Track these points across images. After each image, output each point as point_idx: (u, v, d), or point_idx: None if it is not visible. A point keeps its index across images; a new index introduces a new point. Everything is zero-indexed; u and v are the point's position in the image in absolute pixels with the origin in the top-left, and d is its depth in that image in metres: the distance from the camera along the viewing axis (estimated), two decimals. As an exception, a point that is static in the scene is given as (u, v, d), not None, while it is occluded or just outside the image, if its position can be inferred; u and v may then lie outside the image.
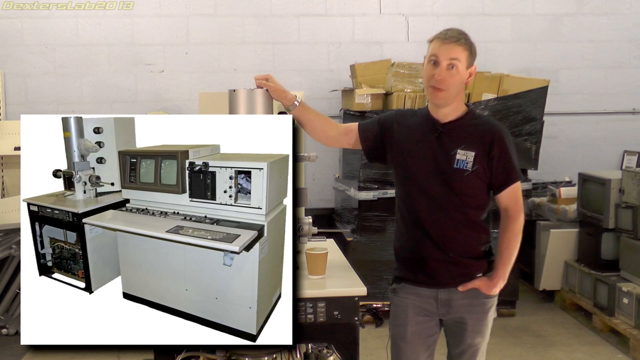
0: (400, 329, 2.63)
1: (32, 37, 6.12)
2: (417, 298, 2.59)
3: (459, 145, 2.49)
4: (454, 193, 2.50)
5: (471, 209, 2.53)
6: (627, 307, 4.70)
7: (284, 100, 2.63)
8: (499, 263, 2.56)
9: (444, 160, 2.50)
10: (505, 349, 4.55)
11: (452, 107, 2.53)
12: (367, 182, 5.21)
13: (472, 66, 2.51)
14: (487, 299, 2.59)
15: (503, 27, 6.38)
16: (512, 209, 2.55)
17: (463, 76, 2.48)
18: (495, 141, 2.49)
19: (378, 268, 5.13)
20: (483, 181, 2.51)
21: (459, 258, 2.54)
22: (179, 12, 6.23)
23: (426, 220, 2.53)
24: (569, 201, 5.54)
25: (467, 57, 2.47)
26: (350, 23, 6.37)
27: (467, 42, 2.48)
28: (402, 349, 2.63)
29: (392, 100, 5.33)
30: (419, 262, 2.57)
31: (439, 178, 2.50)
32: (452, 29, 2.49)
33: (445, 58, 2.44)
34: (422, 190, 2.53)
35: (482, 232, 2.58)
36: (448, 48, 2.44)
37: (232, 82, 6.13)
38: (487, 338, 2.66)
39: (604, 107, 6.63)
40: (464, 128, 2.52)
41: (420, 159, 2.53)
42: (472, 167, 2.48)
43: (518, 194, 2.56)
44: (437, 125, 2.53)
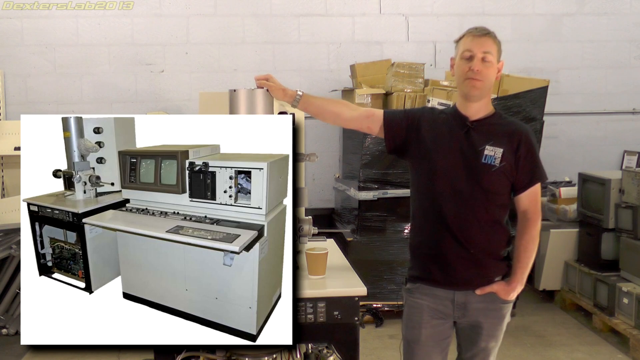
0: (414, 331, 2.61)
1: (32, 37, 6.12)
2: (432, 300, 2.57)
3: (487, 142, 2.50)
4: (481, 189, 2.50)
5: (495, 207, 2.53)
6: (627, 307, 4.70)
7: (286, 98, 2.62)
8: (517, 267, 2.55)
9: (472, 155, 2.50)
10: (505, 349, 4.55)
11: (482, 103, 2.54)
12: (367, 182, 5.21)
13: (499, 61, 2.55)
14: (504, 304, 2.58)
15: (503, 27, 6.38)
16: (532, 211, 2.55)
17: (495, 69, 2.53)
18: (522, 141, 2.51)
19: (378, 268, 5.13)
20: (508, 179, 2.52)
21: (479, 256, 2.52)
22: (179, 12, 6.22)
23: (450, 215, 2.51)
24: (569, 201, 5.54)
25: (497, 51, 2.52)
26: (350, 23, 6.37)
27: (495, 36, 2.54)
28: (415, 352, 2.61)
29: (392, 100, 5.33)
30: (437, 259, 2.55)
31: (466, 173, 2.50)
32: (479, 26, 2.55)
33: (480, 51, 2.48)
34: (448, 185, 2.51)
35: (503, 234, 2.58)
36: (481, 41, 2.49)
37: (232, 82, 6.13)
38: (500, 342, 2.65)
39: (604, 107, 6.63)
40: (493, 126, 2.54)
41: (448, 154, 2.52)
42: (499, 163, 2.49)
43: (538, 196, 2.57)
44: (466, 121, 2.54)
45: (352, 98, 5.46)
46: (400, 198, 5.08)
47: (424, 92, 5.33)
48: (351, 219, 5.49)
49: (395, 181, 5.17)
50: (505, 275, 2.58)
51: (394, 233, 5.18)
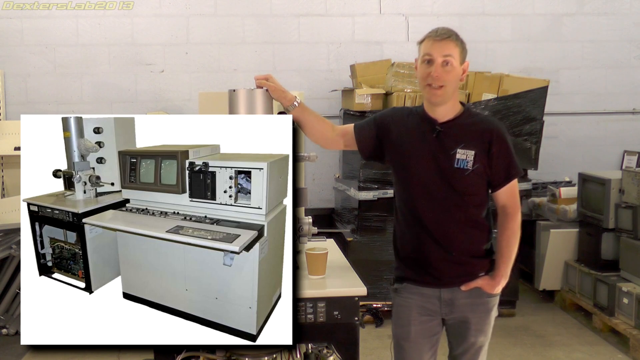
0: (403, 329, 2.63)
1: (32, 37, 6.12)
2: (420, 298, 2.59)
3: (458, 145, 2.49)
4: (456, 192, 2.50)
5: (472, 208, 2.54)
6: (627, 307, 4.70)
7: (284, 101, 2.63)
8: (500, 261, 2.57)
9: (445, 160, 2.50)
10: (505, 349, 4.55)
11: (449, 105, 2.53)
12: (367, 182, 5.21)
13: (464, 62, 2.52)
14: (490, 298, 2.60)
15: (503, 27, 6.38)
16: (510, 206, 2.56)
17: (458, 72, 2.49)
18: (494, 139, 2.50)
19: (378, 268, 5.13)
20: (483, 179, 2.52)
21: (461, 257, 2.54)
22: (179, 12, 6.23)
23: (428, 219, 2.53)
24: (569, 201, 5.54)
25: (460, 53, 2.48)
26: (350, 23, 6.37)
27: (458, 38, 2.50)
28: (405, 349, 2.63)
29: (392, 100, 5.33)
30: (421, 262, 2.57)
31: (440, 178, 2.50)
32: (441, 27, 2.51)
33: (439, 55, 2.45)
34: (424, 190, 2.53)
35: (483, 231, 2.59)
36: (440, 45, 2.45)
37: (232, 82, 6.13)
38: (489, 337, 2.66)
39: (604, 107, 6.63)
40: (463, 127, 2.53)
41: (421, 159, 2.53)
42: (472, 166, 2.48)
43: (515, 191, 2.57)
44: (435, 124, 2.53)
45: (352, 98, 5.46)
46: (400, 198, 5.08)
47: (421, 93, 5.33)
48: (351, 219, 5.49)
49: (395, 181, 5.16)
50: (489, 270, 2.59)
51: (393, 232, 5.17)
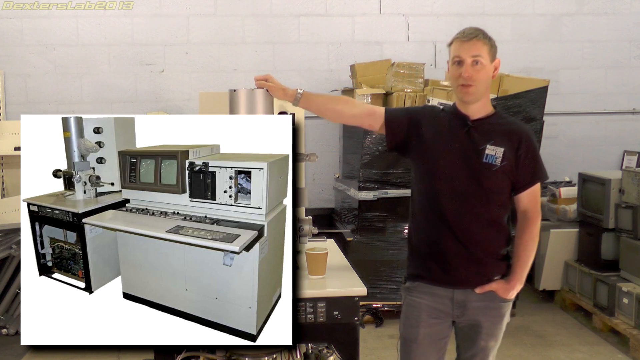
0: (412, 329, 2.61)
1: (32, 37, 6.12)
2: (431, 298, 2.58)
3: (488, 141, 2.50)
4: (481, 189, 2.50)
5: (496, 207, 2.53)
6: (627, 307, 4.70)
7: (287, 97, 2.63)
8: (516, 266, 2.56)
9: (473, 154, 2.50)
10: (505, 349, 4.56)
11: (481, 103, 2.54)
12: (367, 182, 5.21)
13: (495, 59, 2.54)
14: (504, 303, 2.58)
15: (503, 27, 6.39)
16: (532, 210, 2.56)
17: (488, 70, 2.51)
18: (523, 140, 2.52)
19: (378, 268, 5.13)
20: (509, 179, 2.52)
21: (479, 255, 2.53)
22: (179, 12, 6.22)
23: (450, 214, 2.51)
24: (569, 201, 5.54)
25: (489, 51, 2.51)
26: (350, 23, 6.36)
27: (486, 36, 2.52)
28: (412, 351, 2.61)
29: (392, 100, 5.33)
30: (437, 257, 2.55)
31: (467, 172, 2.50)
32: (469, 28, 2.54)
33: (468, 56, 2.48)
34: (449, 184, 2.52)
35: (503, 234, 2.58)
36: (468, 46, 2.48)
37: (232, 82, 6.13)
38: (499, 342, 2.65)
39: (604, 107, 6.63)
40: (493, 126, 2.54)
41: (449, 153, 2.53)
42: (500, 162, 2.49)
43: (538, 196, 2.58)
44: (466, 120, 2.54)
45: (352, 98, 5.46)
46: (400, 198, 5.08)
47: (424, 92, 5.33)
48: (351, 219, 5.49)
49: (395, 181, 5.17)
50: (504, 274, 2.58)
51: (394, 233, 5.18)
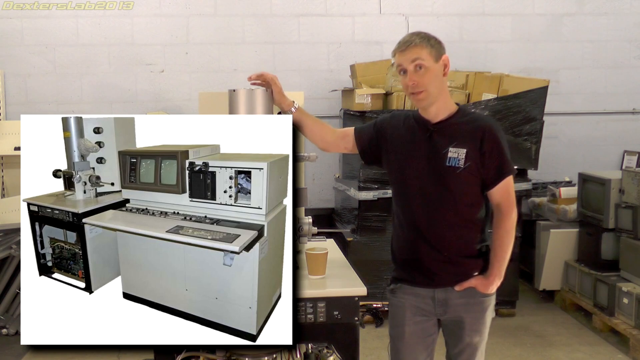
0: (398, 329, 2.64)
1: (32, 37, 6.12)
2: (414, 298, 2.60)
3: (450, 144, 2.50)
4: (449, 192, 2.50)
5: (465, 207, 2.53)
6: (627, 307, 4.70)
7: (283, 105, 2.67)
8: (493, 261, 2.56)
9: (436, 159, 2.51)
10: (505, 349, 4.55)
11: (439, 105, 2.53)
12: (367, 182, 5.21)
13: (440, 57, 2.50)
14: (485, 298, 2.59)
15: (503, 27, 6.38)
16: (505, 204, 2.54)
17: (435, 71, 2.48)
18: (485, 136, 2.49)
19: (378, 268, 5.13)
20: (476, 177, 2.51)
21: (454, 257, 2.54)
22: (179, 12, 6.22)
23: (421, 220, 2.54)
24: (569, 201, 5.54)
25: (430, 52, 2.47)
26: (350, 23, 6.37)
27: (423, 39, 2.48)
28: (400, 349, 2.64)
29: (392, 100, 5.33)
30: (415, 264, 2.58)
31: (433, 177, 2.51)
32: (405, 35, 2.52)
33: (408, 63, 2.47)
34: (417, 190, 2.54)
35: (476, 231, 2.58)
36: (406, 53, 2.47)
37: (232, 82, 6.13)
38: (486, 337, 2.65)
39: (604, 107, 6.63)
40: (455, 126, 2.53)
41: (413, 160, 2.54)
42: (464, 164, 2.48)
43: (510, 189, 2.56)
44: (428, 125, 2.54)
45: (352, 98, 5.46)
46: (400, 198, 5.08)
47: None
48: (351, 219, 5.49)
49: (395, 181, 5.16)
50: (483, 269, 2.58)
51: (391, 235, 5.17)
